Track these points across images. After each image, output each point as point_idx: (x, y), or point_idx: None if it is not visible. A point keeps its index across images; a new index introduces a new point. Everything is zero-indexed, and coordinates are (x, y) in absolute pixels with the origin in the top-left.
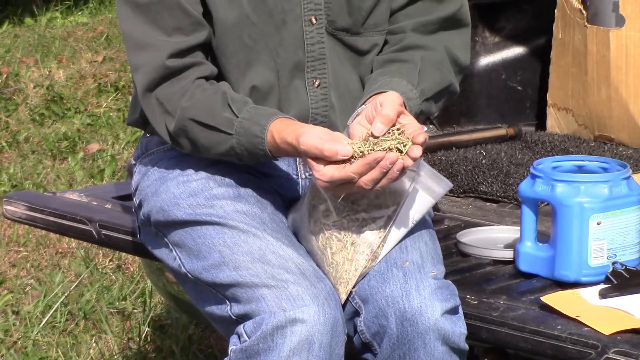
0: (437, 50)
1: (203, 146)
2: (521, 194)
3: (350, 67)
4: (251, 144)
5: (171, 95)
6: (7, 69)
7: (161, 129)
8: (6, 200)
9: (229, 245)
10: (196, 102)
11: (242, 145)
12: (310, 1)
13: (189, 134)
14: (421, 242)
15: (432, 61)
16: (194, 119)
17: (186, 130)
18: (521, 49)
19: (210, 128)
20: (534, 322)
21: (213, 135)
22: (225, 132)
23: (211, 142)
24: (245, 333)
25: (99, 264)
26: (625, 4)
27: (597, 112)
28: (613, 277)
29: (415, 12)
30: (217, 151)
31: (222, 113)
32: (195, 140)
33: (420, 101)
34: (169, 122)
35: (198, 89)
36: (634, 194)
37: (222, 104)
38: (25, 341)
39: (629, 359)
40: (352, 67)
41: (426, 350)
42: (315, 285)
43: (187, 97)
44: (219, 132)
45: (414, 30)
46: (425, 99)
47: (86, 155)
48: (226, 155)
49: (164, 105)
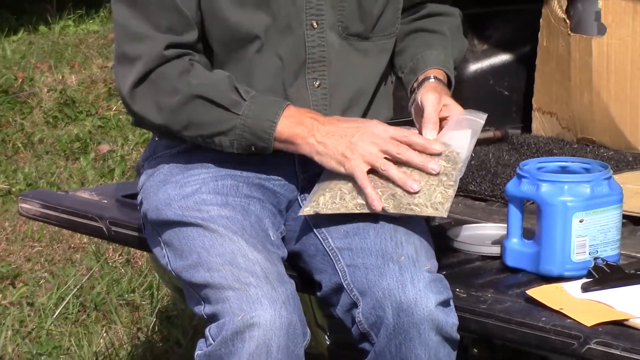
0: (455, 15)
1: (200, 123)
2: (508, 193)
3: (358, 69)
4: (259, 127)
5: (167, 74)
6: (23, 74)
7: (151, 108)
8: (21, 199)
9: (206, 247)
10: (204, 80)
11: (246, 127)
12: (312, 7)
13: (191, 111)
14: (415, 238)
15: (455, 28)
16: (202, 95)
17: (190, 107)
18: (508, 56)
19: (218, 106)
20: (520, 314)
21: (218, 113)
22: (232, 112)
23: (213, 119)
24: (210, 336)
25: (109, 258)
26: (606, 13)
27: (580, 116)
28: (595, 272)
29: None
30: (211, 130)
31: (229, 94)
32: (196, 117)
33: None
34: (164, 100)
35: (200, 69)
36: (615, 193)
37: (229, 86)
38: (40, 331)
39: (609, 349)
40: (360, 69)
41: (421, 339)
42: (276, 289)
43: (192, 75)
44: (225, 110)
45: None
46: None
47: (97, 155)
48: (217, 134)
49: (158, 84)
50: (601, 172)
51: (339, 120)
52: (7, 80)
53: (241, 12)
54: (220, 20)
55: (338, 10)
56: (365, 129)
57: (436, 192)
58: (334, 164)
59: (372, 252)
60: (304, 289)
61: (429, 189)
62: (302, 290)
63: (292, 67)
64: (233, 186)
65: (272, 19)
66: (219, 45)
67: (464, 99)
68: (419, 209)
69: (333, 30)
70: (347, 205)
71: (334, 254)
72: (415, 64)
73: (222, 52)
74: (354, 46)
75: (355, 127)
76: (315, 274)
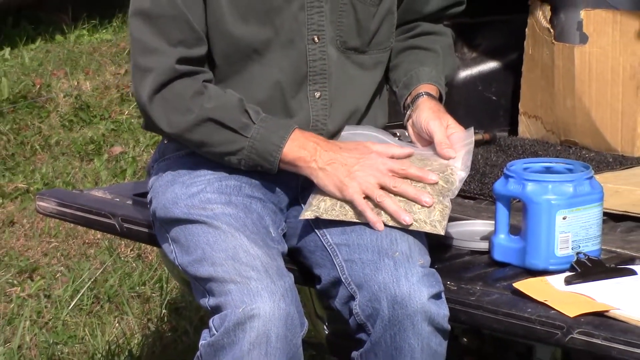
0: (447, 35)
1: (211, 143)
2: (496, 192)
3: (356, 80)
4: (265, 150)
5: (180, 95)
6: (40, 81)
7: (164, 121)
8: (39, 197)
9: (210, 243)
10: (217, 103)
11: (254, 149)
12: (313, 23)
13: (203, 132)
14: (409, 234)
15: (447, 47)
16: (215, 118)
17: (203, 128)
18: (495, 64)
19: (229, 129)
20: (507, 305)
21: (228, 135)
22: (242, 135)
23: (223, 140)
24: (213, 327)
25: (121, 253)
26: (588, 23)
27: (563, 120)
28: (577, 266)
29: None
30: (221, 149)
31: (240, 117)
32: (207, 137)
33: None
34: (177, 119)
35: (214, 91)
36: (596, 192)
37: (240, 109)
38: (56, 322)
39: (591, 339)
40: (358, 81)
41: (414, 330)
42: (275, 283)
43: (206, 98)
44: (235, 133)
45: (424, 20)
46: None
47: (110, 157)
48: (226, 154)
49: (171, 103)
50: (583, 172)
51: (341, 148)
52: (26, 86)
53: (245, 27)
54: (225, 35)
55: (337, 25)
56: (365, 160)
57: (435, 211)
58: (333, 189)
59: (368, 248)
60: (304, 282)
61: (428, 207)
62: (303, 283)
63: (293, 80)
64: (236, 186)
65: (275, 33)
66: (222, 58)
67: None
68: (418, 225)
69: (332, 45)
70: (347, 214)
71: (332, 249)
72: (409, 80)
73: (225, 65)
74: (352, 59)
75: (356, 158)
76: (315, 268)
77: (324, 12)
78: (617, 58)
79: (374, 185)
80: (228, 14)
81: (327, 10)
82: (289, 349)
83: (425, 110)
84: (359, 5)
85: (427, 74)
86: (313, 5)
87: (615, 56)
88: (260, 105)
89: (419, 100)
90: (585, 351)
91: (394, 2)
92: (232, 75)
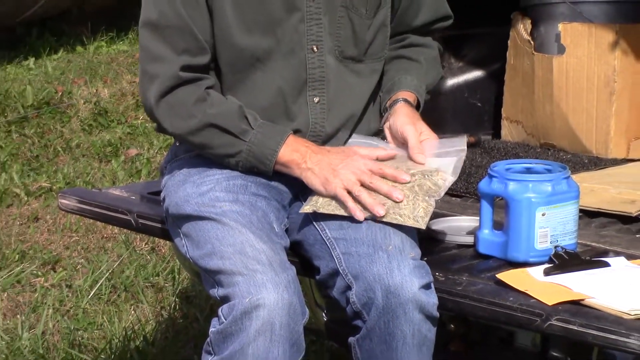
0: (433, 48)
1: (212, 145)
2: (480, 190)
3: (352, 87)
4: (262, 154)
5: (183, 101)
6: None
7: (168, 124)
8: (61, 195)
9: (219, 238)
10: (219, 110)
11: (251, 152)
12: (312, 34)
13: (205, 135)
14: (402, 230)
15: (431, 59)
16: (216, 123)
17: (205, 132)
18: (480, 73)
19: (229, 133)
20: (491, 295)
21: (228, 139)
22: (241, 139)
23: (223, 143)
24: (222, 315)
25: (137, 246)
26: (565, 35)
27: (542, 124)
28: (555, 259)
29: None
30: (221, 151)
31: (239, 123)
32: (208, 140)
33: (425, 93)
34: (180, 124)
35: (216, 98)
36: (572, 190)
37: (240, 115)
38: (77, 309)
39: (568, 325)
40: (354, 87)
41: (406, 317)
42: (278, 275)
43: (208, 104)
44: (235, 137)
45: (413, 32)
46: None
47: (126, 158)
48: (226, 156)
49: (175, 109)
50: (561, 172)
51: (329, 151)
52: (49, 94)
53: (249, 38)
54: (230, 45)
55: (335, 36)
56: (348, 161)
57: (419, 208)
58: (319, 187)
59: (364, 241)
60: (304, 273)
61: (414, 204)
62: (303, 274)
63: (294, 86)
64: (243, 185)
65: (277, 43)
66: (228, 66)
67: (442, 110)
68: (402, 219)
69: (331, 54)
70: (342, 209)
71: (330, 243)
72: (391, 86)
73: (230, 73)
74: (349, 68)
75: (340, 159)
76: (315, 260)
77: (322, 24)
78: (592, 67)
79: (354, 182)
80: (233, 25)
81: (325, 23)
82: (292, 336)
83: (401, 116)
84: (355, 18)
85: (409, 82)
86: (312, 17)
87: (590, 66)
88: (264, 110)
89: (397, 105)
90: (563, 337)
91: (387, 15)
92: (238, 82)
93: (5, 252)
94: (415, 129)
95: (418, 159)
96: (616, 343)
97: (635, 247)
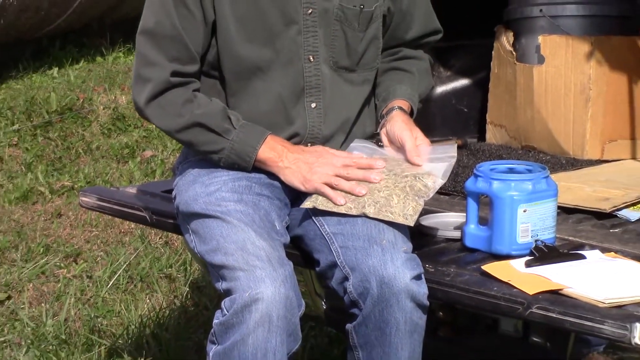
0: (424, 60)
1: (196, 142)
2: (467, 189)
3: (346, 95)
4: (243, 151)
5: (172, 102)
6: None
7: (159, 123)
8: (82, 193)
9: (223, 235)
10: (205, 110)
11: (233, 150)
12: (309, 45)
13: (192, 133)
14: (394, 226)
15: (423, 70)
16: (202, 122)
17: (192, 130)
18: (467, 81)
19: (213, 132)
20: (476, 285)
21: (212, 137)
22: (224, 137)
23: (208, 140)
24: (225, 308)
25: (152, 240)
26: (544, 47)
27: (524, 128)
28: (535, 252)
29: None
30: (205, 148)
31: (223, 123)
32: (194, 137)
33: (418, 102)
34: (169, 122)
35: (202, 100)
36: (551, 189)
37: (223, 115)
38: (96, 298)
39: (547, 313)
40: (348, 95)
41: (399, 306)
42: (276, 270)
43: (195, 105)
44: (218, 135)
45: (406, 45)
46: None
47: (142, 159)
48: (209, 153)
49: (165, 109)
50: (540, 172)
51: (304, 150)
52: (71, 100)
53: (250, 49)
54: (233, 55)
55: (330, 48)
56: (323, 158)
57: (409, 206)
58: (297, 184)
59: (360, 236)
60: (305, 265)
61: (404, 202)
62: (304, 266)
63: (293, 93)
64: (247, 186)
65: (276, 54)
66: (231, 75)
67: (432, 115)
68: (393, 217)
69: (326, 64)
70: (339, 207)
71: (329, 237)
72: (387, 95)
73: (234, 81)
74: (343, 77)
75: (315, 157)
76: (315, 254)
77: (318, 36)
78: (569, 76)
79: (332, 175)
80: (236, 37)
81: (320, 35)
82: (289, 327)
83: (398, 122)
84: (349, 31)
85: (403, 91)
86: (308, 30)
87: (567, 74)
88: (265, 115)
89: (393, 112)
90: (543, 323)
91: (379, 29)
92: (241, 89)
93: (31, 246)
94: (411, 134)
95: (415, 161)
96: (592, 329)
97: (609, 241)
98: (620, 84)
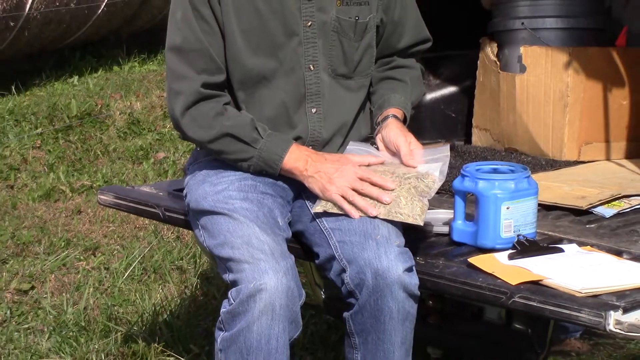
0: (416, 69)
1: (227, 151)
2: (454, 187)
3: (344, 100)
4: (270, 159)
5: (205, 114)
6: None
7: (192, 134)
8: (100, 192)
9: (230, 230)
10: (235, 122)
11: (261, 158)
12: (309, 54)
13: (223, 143)
14: (388, 221)
15: (415, 79)
16: (232, 133)
17: (222, 140)
18: (454, 88)
19: (242, 141)
20: (463, 276)
21: (242, 146)
22: (252, 146)
23: (238, 150)
24: (231, 298)
25: (164, 235)
26: (526, 57)
27: (507, 132)
28: (518, 245)
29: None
30: (235, 156)
31: (251, 133)
32: (225, 147)
33: (410, 109)
34: (202, 133)
35: (232, 112)
36: (532, 188)
37: (252, 126)
38: (113, 288)
39: (528, 302)
40: (346, 100)
41: (392, 296)
42: (279, 263)
43: (225, 118)
44: (247, 145)
45: (398, 54)
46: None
47: (155, 160)
48: (239, 161)
49: (198, 121)
50: (522, 172)
51: (326, 159)
52: (90, 106)
53: (256, 59)
54: (240, 65)
55: (328, 57)
56: (342, 170)
57: (417, 207)
58: (318, 192)
59: (356, 231)
60: (306, 257)
61: (412, 203)
62: (305, 258)
63: (295, 99)
64: (252, 185)
65: (279, 64)
66: (239, 84)
67: (423, 119)
68: (402, 217)
69: (325, 72)
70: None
71: (327, 232)
72: (382, 103)
73: (241, 89)
74: (340, 83)
75: (335, 168)
76: (314, 247)
77: (317, 46)
78: (549, 84)
79: (348, 188)
80: (242, 49)
81: (320, 45)
82: (290, 315)
83: (393, 129)
84: (345, 41)
85: (397, 99)
86: (309, 41)
87: (547, 82)
88: (270, 120)
89: (388, 120)
90: (524, 311)
91: (373, 38)
92: (248, 97)
93: (53, 240)
94: (405, 140)
95: (410, 164)
96: (569, 317)
97: (585, 235)
98: (596, 91)
